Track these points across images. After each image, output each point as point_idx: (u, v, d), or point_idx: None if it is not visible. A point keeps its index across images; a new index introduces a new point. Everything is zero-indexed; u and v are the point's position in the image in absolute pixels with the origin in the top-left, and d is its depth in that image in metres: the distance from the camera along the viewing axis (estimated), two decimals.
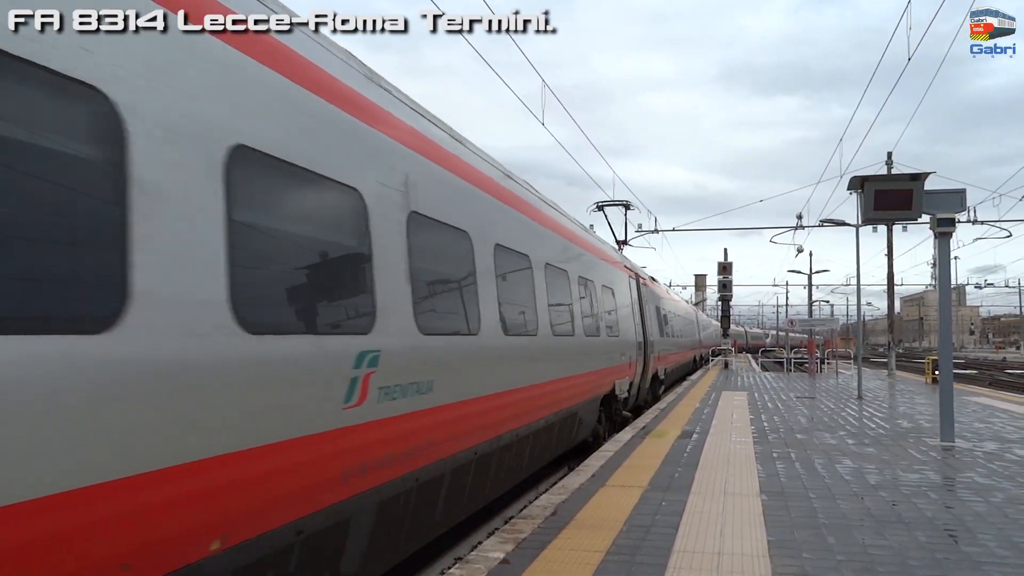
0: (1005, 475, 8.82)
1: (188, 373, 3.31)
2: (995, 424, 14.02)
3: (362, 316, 4.81)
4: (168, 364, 3.21)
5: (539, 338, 8.80)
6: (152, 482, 3.11)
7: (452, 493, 6.46)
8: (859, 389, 20.88)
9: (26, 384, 2.61)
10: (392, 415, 5.05)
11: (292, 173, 4.25)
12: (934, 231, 11.69)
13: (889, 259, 33.51)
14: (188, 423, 3.31)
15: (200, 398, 3.38)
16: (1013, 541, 5.99)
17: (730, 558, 5.45)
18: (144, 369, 3.09)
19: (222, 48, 3.74)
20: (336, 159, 4.71)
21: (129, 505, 3.02)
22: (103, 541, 2.95)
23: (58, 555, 2.76)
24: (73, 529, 2.81)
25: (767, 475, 8.68)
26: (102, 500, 2.89)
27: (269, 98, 4.12)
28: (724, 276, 37.55)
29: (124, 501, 2.99)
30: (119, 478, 2.96)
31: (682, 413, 15.66)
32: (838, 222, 25.03)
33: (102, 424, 2.90)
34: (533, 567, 5.21)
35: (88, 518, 2.85)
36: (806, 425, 13.79)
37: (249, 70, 3.94)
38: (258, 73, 4.01)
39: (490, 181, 7.92)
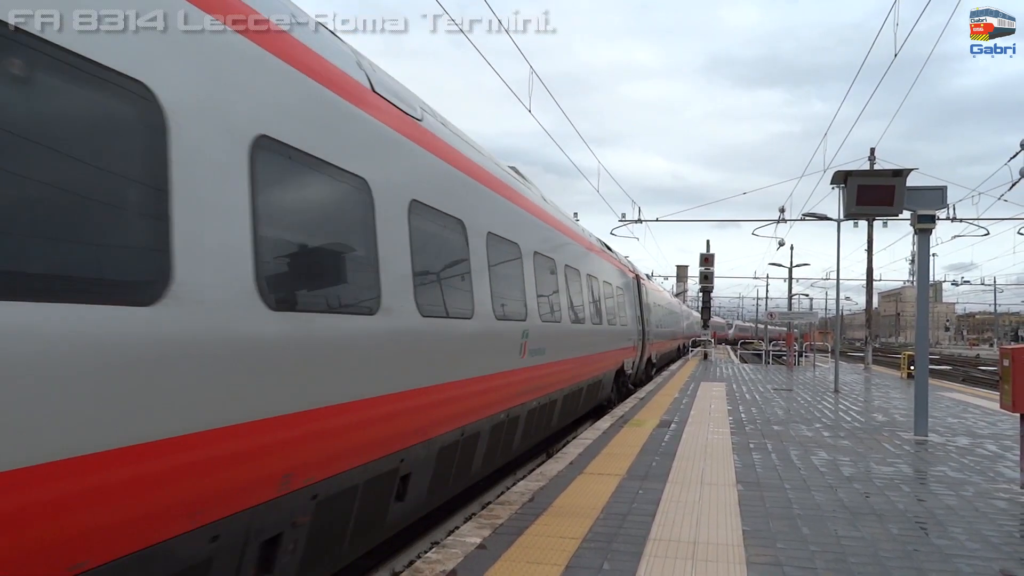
0: (976, 469, 8.95)
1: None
2: (968, 419, 14.23)
3: (523, 311, 8.97)
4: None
5: (600, 326, 14.65)
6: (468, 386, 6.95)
7: (564, 409, 12.10)
8: (836, 382, 21.11)
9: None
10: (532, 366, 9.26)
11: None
12: (914, 227, 11.79)
13: (869, 254, 33.84)
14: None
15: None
16: (983, 534, 6.08)
17: (705, 547, 5.49)
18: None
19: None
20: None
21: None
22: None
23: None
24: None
25: (743, 465, 8.75)
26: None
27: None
28: (706, 267, 37.68)
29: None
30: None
31: (661, 403, 15.75)
32: (820, 216, 25.15)
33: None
34: (509, 552, 5.22)
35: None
36: (783, 417, 13.92)
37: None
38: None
39: (573, 233, 13.48)
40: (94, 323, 2.85)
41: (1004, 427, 12.88)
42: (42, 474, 2.61)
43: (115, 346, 2.95)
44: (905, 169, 11.69)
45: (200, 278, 3.42)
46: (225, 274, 3.62)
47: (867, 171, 16.42)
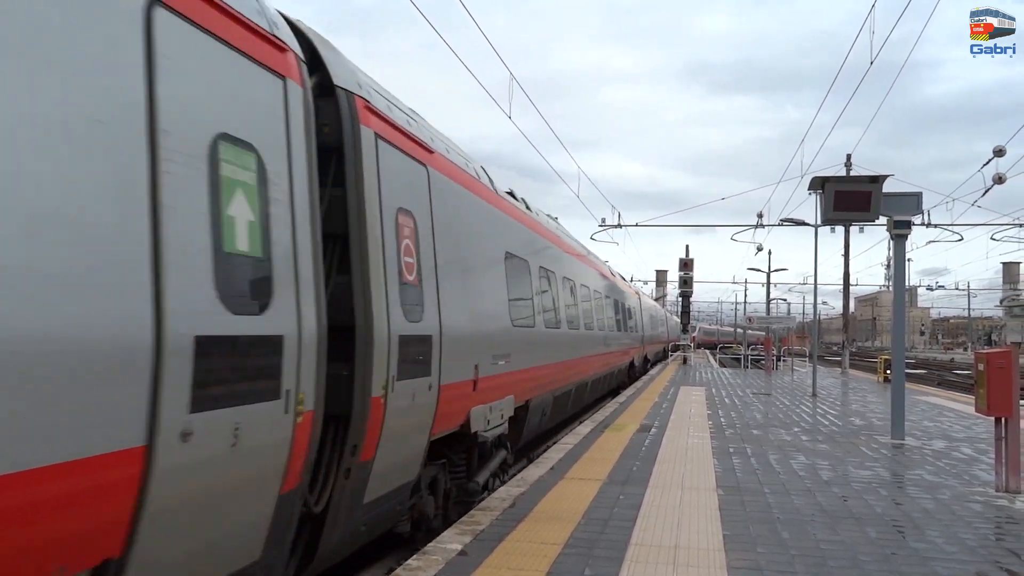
0: (952, 472, 9.05)
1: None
2: (943, 423, 14.40)
3: (596, 325, 17.07)
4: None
5: (624, 332, 22.69)
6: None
7: (593, 388, 17.34)
8: (814, 386, 21.26)
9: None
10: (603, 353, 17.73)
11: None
12: (891, 233, 11.92)
13: (846, 259, 34.17)
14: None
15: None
16: (959, 537, 6.15)
17: (687, 551, 5.50)
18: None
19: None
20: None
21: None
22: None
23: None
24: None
25: (723, 470, 8.79)
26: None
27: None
28: (685, 272, 37.89)
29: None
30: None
31: (641, 407, 15.79)
32: (798, 222, 25.38)
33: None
34: (491, 559, 5.20)
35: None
36: (762, 421, 14.01)
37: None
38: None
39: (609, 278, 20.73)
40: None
41: (979, 431, 13.04)
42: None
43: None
44: (881, 175, 11.81)
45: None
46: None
47: (844, 177, 16.60)
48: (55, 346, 2.49)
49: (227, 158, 3.47)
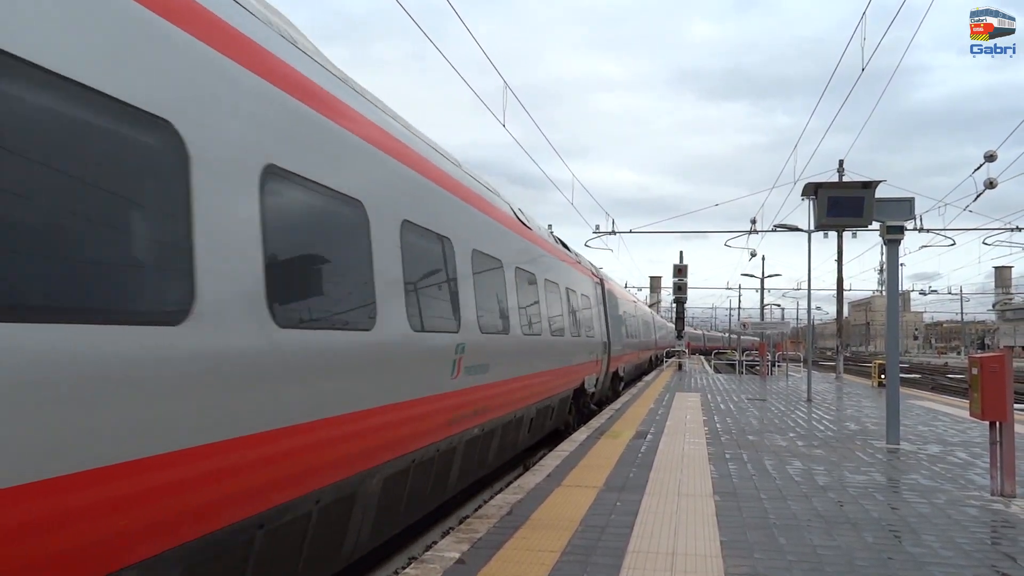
0: (948, 477, 9.08)
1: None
2: (938, 427, 14.44)
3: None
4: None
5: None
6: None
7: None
8: (808, 392, 21.31)
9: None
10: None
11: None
12: (884, 238, 11.97)
13: (839, 265, 34.28)
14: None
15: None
16: (955, 542, 6.16)
17: (684, 558, 5.51)
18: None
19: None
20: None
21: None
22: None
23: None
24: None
25: (720, 476, 8.80)
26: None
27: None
28: (679, 278, 37.96)
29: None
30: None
31: (637, 414, 15.80)
32: (791, 227, 25.48)
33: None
34: (489, 567, 5.19)
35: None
36: (757, 427, 14.02)
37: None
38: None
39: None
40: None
41: (974, 435, 13.09)
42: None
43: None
44: (873, 181, 11.87)
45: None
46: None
47: (837, 183, 16.70)
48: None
49: (589, 305, 16.11)
